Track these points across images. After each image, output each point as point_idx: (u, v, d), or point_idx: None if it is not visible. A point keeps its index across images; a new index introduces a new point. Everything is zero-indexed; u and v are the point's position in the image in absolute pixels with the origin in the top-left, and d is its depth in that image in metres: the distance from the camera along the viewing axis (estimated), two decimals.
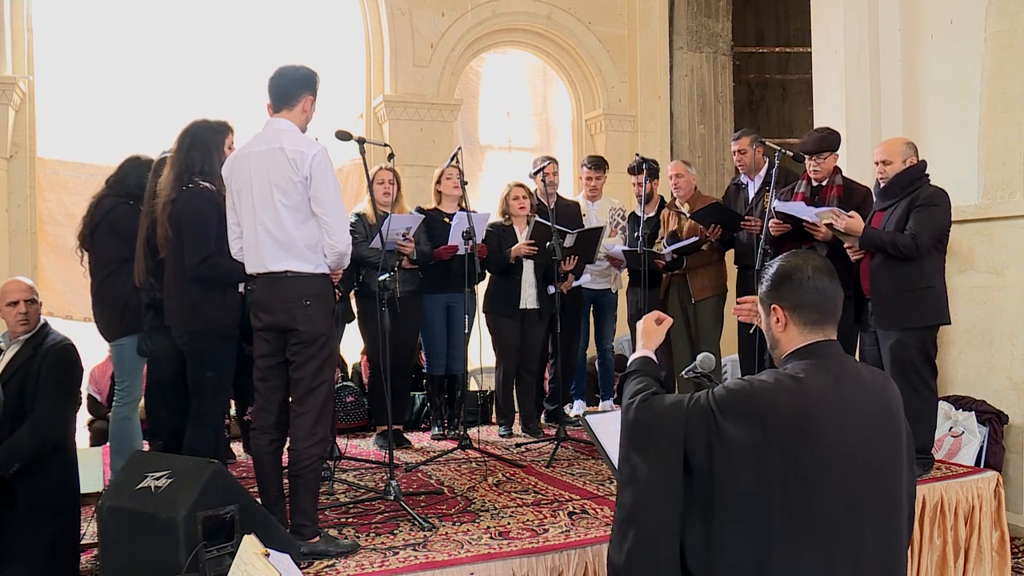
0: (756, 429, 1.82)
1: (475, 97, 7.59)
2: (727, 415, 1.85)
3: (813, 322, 1.96)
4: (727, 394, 1.89)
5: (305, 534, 2.91)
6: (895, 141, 4.11)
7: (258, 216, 2.95)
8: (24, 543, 3.17)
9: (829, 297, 1.96)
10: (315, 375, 2.96)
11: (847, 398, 1.87)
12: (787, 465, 1.80)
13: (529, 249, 4.81)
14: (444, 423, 5.19)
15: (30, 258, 5.87)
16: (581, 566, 2.98)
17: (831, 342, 1.97)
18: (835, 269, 2.02)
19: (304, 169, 2.89)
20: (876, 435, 1.88)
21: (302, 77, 3.04)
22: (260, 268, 2.98)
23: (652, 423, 1.95)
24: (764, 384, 1.87)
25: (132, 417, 4.01)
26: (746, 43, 8.61)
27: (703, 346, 4.99)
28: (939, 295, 3.87)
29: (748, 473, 1.81)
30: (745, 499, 1.81)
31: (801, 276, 1.96)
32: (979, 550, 3.80)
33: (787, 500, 1.79)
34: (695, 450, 1.88)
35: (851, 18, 5.58)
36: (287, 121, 3.01)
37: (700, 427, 1.87)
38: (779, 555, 1.79)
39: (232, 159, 3.09)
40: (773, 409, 1.82)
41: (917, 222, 3.79)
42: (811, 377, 1.87)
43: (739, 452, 1.82)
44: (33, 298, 3.45)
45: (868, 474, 1.85)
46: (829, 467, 1.81)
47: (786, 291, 1.98)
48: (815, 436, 1.81)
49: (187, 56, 6.30)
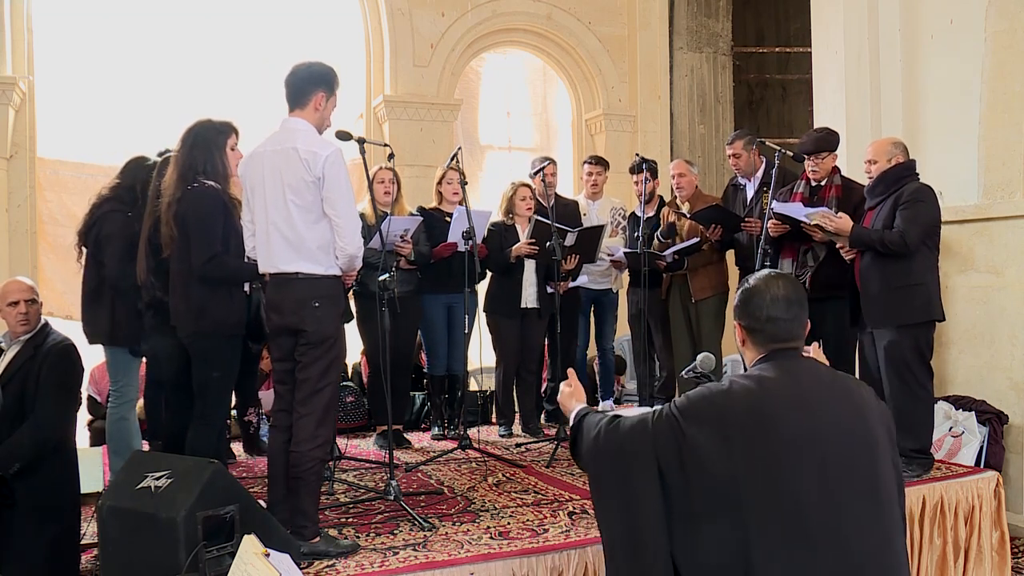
0: (717, 431, 1.88)
1: (475, 97, 7.59)
2: (690, 421, 1.91)
3: (763, 342, 2.03)
4: (687, 402, 1.96)
5: (305, 535, 2.91)
6: (882, 141, 4.16)
7: (270, 215, 2.94)
8: (24, 543, 3.18)
9: (781, 328, 2.02)
10: (320, 377, 2.94)
11: (806, 395, 1.92)
12: (751, 462, 1.85)
13: (530, 248, 4.81)
14: (444, 423, 5.19)
15: (30, 258, 5.87)
16: (581, 566, 2.98)
17: (789, 350, 2.03)
18: (804, 295, 2.07)
19: (317, 169, 2.87)
20: (844, 431, 1.90)
21: (313, 74, 3.01)
22: (271, 268, 2.97)
23: (623, 442, 2.00)
24: (720, 388, 1.96)
25: (128, 417, 4.01)
26: (746, 43, 8.61)
27: (704, 346, 4.99)
28: (930, 292, 3.87)
29: (717, 474, 1.86)
30: (719, 498, 1.86)
31: (759, 302, 2.03)
32: (979, 550, 3.80)
33: (757, 496, 1.84)
34: (666, 460, 1.93)
35: (851, 18, 5.58)
36: (302, 120, 2.99)
37: (667, 437, 1.93)
38: (760, 549, 1.82)
39: (248, 157, 3.07)
40: (731, 410, 1.89)
41: (904, 219, 3.80)
42: (766, 376, 1.95)
43: (706, 454, 1.87)
44: (34, 298, 3.45)
45: (840, 468, 1.87)
46: (793, 461, 1.85)
47: (743, 312, 2.07)
48: (773, 432, 1.86)
49: (187, 56, 6.30)
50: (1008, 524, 3.97)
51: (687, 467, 1.89)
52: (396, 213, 4.69)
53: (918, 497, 3.68)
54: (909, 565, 2.02)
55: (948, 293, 3.94)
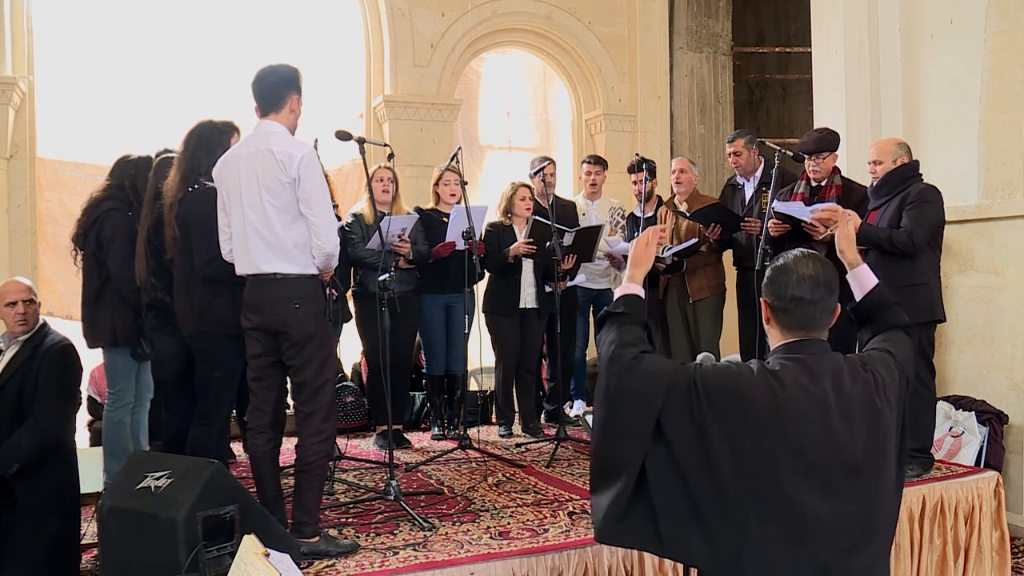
0: (733, 413, 1.88)
1: (475, 97, 7.59)
2: (710, 393, 1.90)
3: (787, 326, 2.01)
4: (713, 372, 1.95)
5: (306, 532, 2.92)
6: (886, 141, 4.17)
7: (247, 217, 2.95)
8: (24, 543, 3.17)
9: (805, 310, 1.99)
10: (317, 375, 2.97)
11: (823, 395, 1.90)
12: (759, 453, 1.86)
13: (528, 248, 4.81)
14: (444, 423, 5.19)
15: (30, 258, 5.86)
16: (581, 566, 2.98)
17: (814, 340, 2.00)
18: (835, 278, 2.03)
19: (292, 170, 2.89)
20: (852, 428, 1.90)
21: (285, 77, 3.04)
22: (251, 269, 2.99)
23: (636, 387, 1.98)
24: (748, 373, 1.93)
25: (124, 421, 3.99)
26: (746, 43, 8.60)
27: (702, 346, 4.99)
28: (933, 292, 3.89)
29: (720, 455, 1.87)
30: (711, 475, 1.87)
31: (785, 280, 2.00)
32: (979, 550, 3.80)
33: (757, 487, 1.85)
34: (672, 417, 1.92)
35: (851, 18, 5.58)
36: (276, 123, 3.01)
37: (681, 396, 1.92)
38: (752, 545, 1.85)
39: (222, 160, 3.09)
40: (750, 398, 1.88)
41: (911, 219, 3.81)
42: (789, 373, 1.92)
43: (713, 431, 1.88)
44: (31, 298, 3.44)
45: (839, 464, 1.88)
46: (801, 457, 1.85)
47: (771, 290, 2.04)
48: (788, 429, 1.86)
49: (187, 56, 6.29)
50: (1008, 524, 3.97)
51: (692, 431, 1.89)
52: (394, 213, 4.69)
53: (918, 497, 3.68)
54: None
55: (948, 293, 3.94)
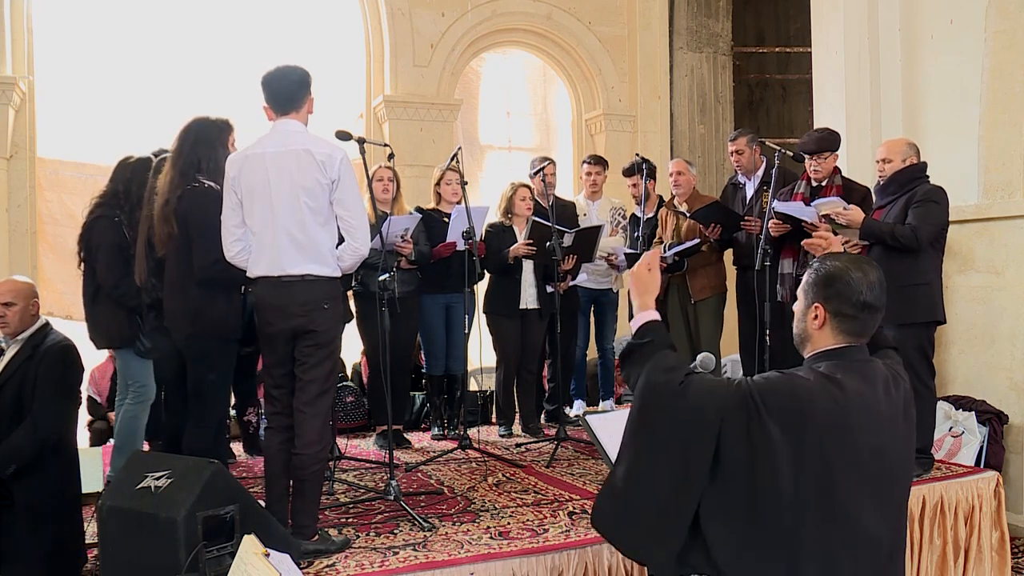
0: (796, 425, 1.81)
1: (475, 97, 7.59)
2: (769, 407, 1.83)
3: (849, 331, 1.96)
4: (768, 385, 1.87)
5: (307, 534, 2.92)
6: (897, 141, 4.15)
7: (278, 219, 2.91)
8: (24, 544, 3.16)
9: (874, 315, 1.97)
10: (326, 378, 2.98)
11: (877, 402, 1.89)
12: (822, 464, 1.81)
13: (527, 249, 4.81)
14: (444, 423, 5.19)
15: (30, 258, 5.87)
16: (581, 566, 2.98)
17: (861, 347, 1.98)
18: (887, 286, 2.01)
19: (333, 172, 2.89)
20: (896, 438, 1.91)
21: (303, 77, 3.02)
22: (274, 271, 2.93)
23: (687, 415, 1.89)
24: (806, 382, 1.87)
25: (141, 417, 3.98)
26: (746, 43, 8.60)
27: (703, 346, 4.99)
28: (934, 293, 3.88)
29: (785, 467, 1.80)
30: (778, 491, 1.81)
31: (857, 287, 1.94)
32: (979, 550, 3.80)
33: (817, 498, 1.81)
34: (730, 438, 1.84)
35: (851, 18, 5.58)
36: (297, 122, 2.99)
37: (738, 414, 1.84)
38: (808, 554, 1.81)
39: (242, 159, 3.00)
40: (812, 407, 1.82)
41: (916, 217, 3.82)
42: (849, 380, 1.87)
43: (778, 445, 1.80)
44: (11, 301, 3.33)
45: (888, 476, 1.89)
46: (857, 468, 1.83)
47: (834, 294, 1.96)
48: (849, 438, 1.83)
49: (187, 56, 6.29)
50: (1008, 524, 3.96)
51: (754, 450, 1.81)
52: (395, 212, 4.69)
53: (918, 497, 3.67)
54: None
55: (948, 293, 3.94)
